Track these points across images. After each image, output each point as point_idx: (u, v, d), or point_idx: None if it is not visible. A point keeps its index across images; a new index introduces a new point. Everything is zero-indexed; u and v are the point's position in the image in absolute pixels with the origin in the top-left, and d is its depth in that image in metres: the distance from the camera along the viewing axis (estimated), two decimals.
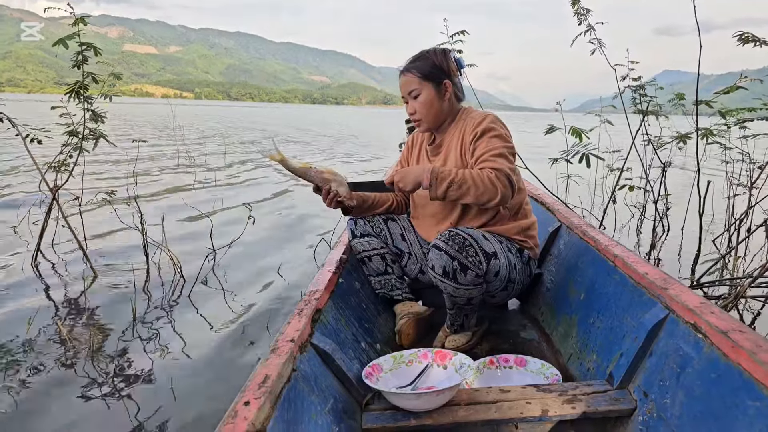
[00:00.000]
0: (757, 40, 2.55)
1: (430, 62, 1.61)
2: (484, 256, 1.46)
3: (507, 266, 1.55)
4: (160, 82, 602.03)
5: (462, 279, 1.45)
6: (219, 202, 5.05)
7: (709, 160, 3.81)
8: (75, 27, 2.76)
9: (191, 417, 1.62)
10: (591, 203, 4.77)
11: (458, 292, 1.50)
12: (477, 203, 1.44)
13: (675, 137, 3.58)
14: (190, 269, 2.95)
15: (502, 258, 1.53)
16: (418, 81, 1.61)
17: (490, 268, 1.48)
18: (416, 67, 1.62)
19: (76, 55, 2.77)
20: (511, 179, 1.43)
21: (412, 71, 1.62)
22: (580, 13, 3.42)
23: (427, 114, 1.63)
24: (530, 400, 1.18)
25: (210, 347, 2.11)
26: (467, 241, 1.44)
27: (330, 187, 1.57)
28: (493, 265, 1.49)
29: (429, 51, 1.66)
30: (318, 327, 1.26)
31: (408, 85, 1.63)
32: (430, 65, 1.61)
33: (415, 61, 1.63)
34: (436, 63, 1.61)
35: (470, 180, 1.40)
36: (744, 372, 0.89)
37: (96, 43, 2.92)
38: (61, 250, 3.31)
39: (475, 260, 1.44)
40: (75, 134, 2.93)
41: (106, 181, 6.06)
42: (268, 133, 18.23)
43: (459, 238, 1.44)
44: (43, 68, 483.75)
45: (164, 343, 2.14)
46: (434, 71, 1.61)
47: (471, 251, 1.44)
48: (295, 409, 0.98)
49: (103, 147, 3.41)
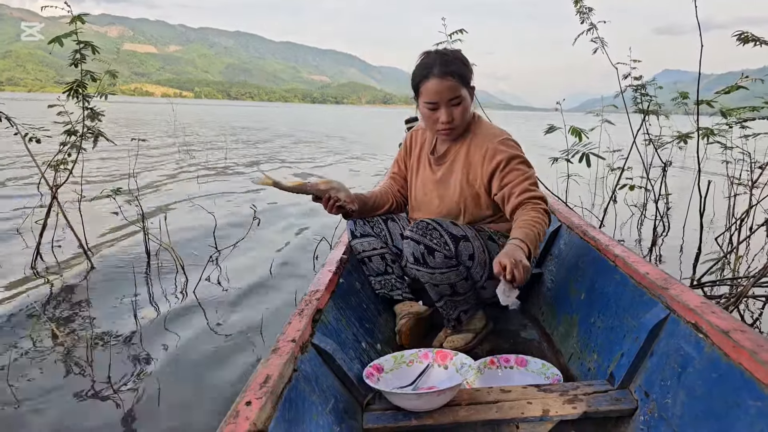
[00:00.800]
0: (756, 40, 2.54)
1: (465, 67, 1.53)
2: (450, 238, 1.46)
3: (485, 252, 1.53)
4: (160, 81, 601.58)
5: (432, 262, 1.46)
6: (222, 201, 5.05)
7: (709, 161, 3.81)
8: (74, 25, 2.75)
9: (190, 417, 1.63)
10: (591, 203, 4.77)
11: (434, 278, 1.50)
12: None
13: (676, 137, 3.58)
14: (193, 268, 2.95)
15: (476, 243, 1.51)
16: (460, 87, 1.51)
17: (459, 250, 1.48)
18: (457, 72, 1.50)
19: (74, 53, 2.77)
20: (546, 200, 1.49)
21: (454, 76, 1.50)
22: (583, 12, 3.41)
23: (463, 121, 1.57)
24: (531, 400, 1.18)
25: (210, 347, 2.11)
26: (431, 226, 1.46)
27: (329, 194, 1.56)
28: (464, 247, 1.48)
29: (454, 53, 1.56)
30: (319, 327, 1.26)
31: (451, 91, 1.51)
32: (465, 69, 1.53)
33: (451, 65, 1.51)
34: (468, 67, 1.55)
35: (539, 225, 1.40)
36: (745, 372, 0.89)
37: (96, 43, 2.92)
38: (61, 248, 3.31)
39: (440, 241, 1.45)
40: (73, 133, 2.93)
41: (107, 179, 6.06)
42: (273, 132, 18.22)
43: (423, 224, 1.47)
44: (43, 67, 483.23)
45: (164, 341, 2.14)
46: (468, 75, 1.54)
47: (435, 234, 1.45)
48: (296, 410, 0.98)
49: (104, 146, 3.41)
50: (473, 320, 1.65)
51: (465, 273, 1.53)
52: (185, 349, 2.09)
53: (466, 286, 1.56)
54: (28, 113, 8.44)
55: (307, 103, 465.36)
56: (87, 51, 2.76)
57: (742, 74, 3.07)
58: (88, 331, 2.24)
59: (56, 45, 2.75)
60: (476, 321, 1.66)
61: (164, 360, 1.99)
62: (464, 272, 1.53)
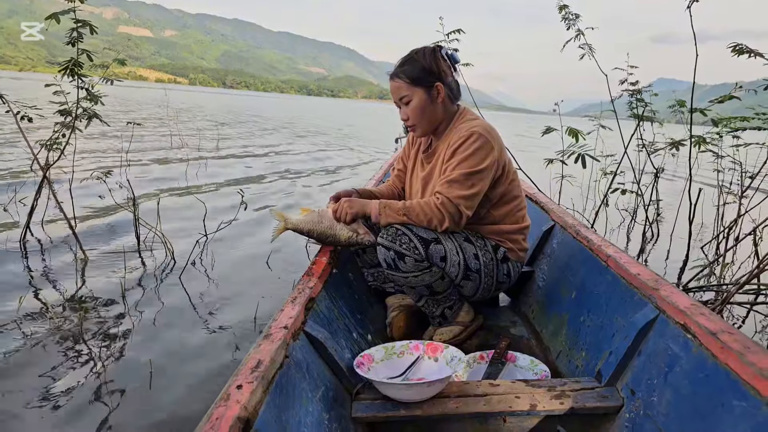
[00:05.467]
0: (751, 52, 2.57)
1: (419, 66, 1.56)
2: (420, 241, 1.47)
3: (459, 253, 1.53)
4: (154, 66, 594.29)
5: (403, 266, 1.48)
6: (213, 185, 5.02)
7: (700, 169, 3.86)
8: (71, 3, 2.71)
9: (178, 403, 1.62)
10: (583, 206, 4.81)
11: (408, 281, 1.51)
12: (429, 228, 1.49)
13: (668, 143, 3.62)
14: (182, 252, 2.93)
15: (448, 245, 1.51)
16: (407, 86, 1.56)
17: (430, 253, 1.48)
18: (404, 72, 1.56)
19: (70, 31, 2.73)
20: (459, 207, 1.46)
21: (400, 76, 1.56)
22: (569, 18, 3.45)
23: (421, 120, 1.60)
24: (519, 395, 1.19)
25: (199, 333, 2.10)
26: (400, 231, 1.48)
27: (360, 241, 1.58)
28: (435, 250, 1.49)
29: (418, 52, 1.59)
30: (311, 315, 1.26)
31: (398, 92, 1.58)
32: (419, 69, 1.56)
33: (404, 65, 1.57)
34: (425, 66, 1.56)
35: (418, 209, 1.48)
36: (732, 372, 0.91)
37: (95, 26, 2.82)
38: (50, 229, 3.27)
39: (409, 246, 1.46)
40: (68, 113, 2.88)
41: (99, 161, 5.99)
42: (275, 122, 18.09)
43: (392, 230, 1.49)
44: (35, 46, 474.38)
45: (153, 326, 2.13)
46: (423, 75, 1.55)
47: (404, 239, 1.47)
48: (286, 395, 0.98)
49: (97, 129, 3.37)
50: (460, 314, 1.66)
51: (440, 273, 1.53)
52: (172, 333, 2.08)
53: (443, 284, 1.57)
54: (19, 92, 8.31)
55: (303, 94, 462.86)
56: (84, 30, 2.71)
57: (736, 85, 3.10)
58: (74, 313, 2.22)
59: (52, 23, 2.70)
60: (463, 314, 1.67)
61: (152, 343, 1.98)
62: (438, 272, 1.53)
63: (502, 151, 1.58)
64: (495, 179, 1.57)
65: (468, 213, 1.49)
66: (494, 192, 1.59)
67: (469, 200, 1.48)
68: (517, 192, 1.65)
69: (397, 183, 1.88)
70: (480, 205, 1.55)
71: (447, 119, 1.64)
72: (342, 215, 1.56)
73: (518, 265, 1.69)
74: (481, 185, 1.50)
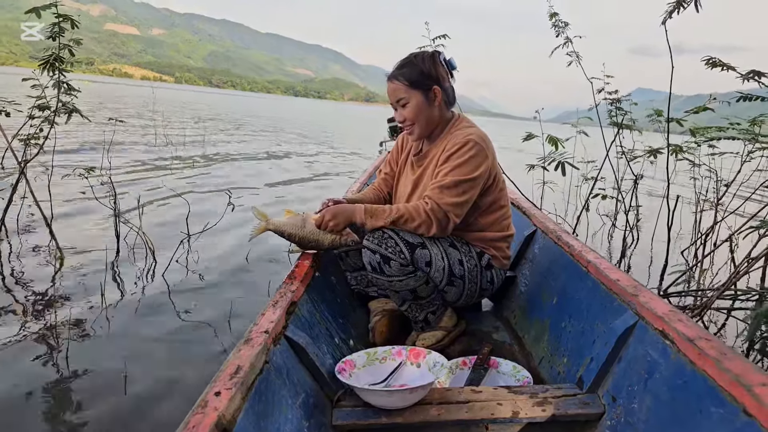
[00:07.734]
0: (723, 65, 2.64)
1: (418, 69, 1.56)
2: (406, 246, 1.47)
3: (444, 259, 1.53)
4: (140, 63, 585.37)
5: (388, 270, 1.48)
6: (197, 186, 4.94)
7: (678, 176, 3.94)
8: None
9: (154, 409, 1.58)
10: (565, 211, 4.87)
11: (393, 285, 1.51)
12: (416, 233, 1.49)
13: (647, 151, 3.69)
14: (163, 253, 2.88)
15: (434, 249, 1.52)
16: (405, 89, 1.56)
17: (416, 257, 1.49)
18: (403, 75, 1.56)
19: (51, 26, 2.66)
20: (448, 214, 1.47)
21: (399, 79, 1.57)
22: (558, 26, 3.50)
23: (418, 122, 1.60)
24: (501, 402, 1.19)
25: (179, 335, 2.06)
26: (386, 235, 1.48)
27: (343, 242, 1.56)
28: (421, 255, 1.49)
29: (417, 56, 1.60)
30: (292, 320, 1.24)
31: (396, 93, 1.59)
32: (417, 72, 1.56)
33: (402, 68, 1.58)
34: (423, 70, 1.56)
35: (406, 213, 1.47)
36: (709, 379, 0.92)
37: (76, 21, 2.80)
38: (26, 226, 3.18)
39: (395, 250, 1.46)
40: (47, 107, 2.81)
41: (79, 157, 5.85)
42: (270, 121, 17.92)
43: (378, 234, 1.48)
44: (18, 41, 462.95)
45: (128, 328, 2.08)
46: (422, 78, 1.56)
47: (390, 242, 1.47)
48: (266, 402, 0.96)
49: (78, 125, 3.29)
50: (443, 319, 1.66)
51: (424, 278, 1.54)
52: (152, 335, 2.03)
53: (427, 289, 1.57)
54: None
55: (290, 95, 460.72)
56: (66, 24, 2.65)
57: (710, 96, 3.19)
58: (50, 313, 2.15)
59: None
60: (446, 319, 1.67)
61: (127, 347, 1.93)
62: (423, 277, 1.53)
63: (494, 160, 1.59)
64: (485, 188, 1.57)
65: (456, 220, 1.50)
66: (483, 200, 1.59)
67: (459, 207, 1.49)
68: (504, 201, 1.66)
69: (383, 187, 1.87)
70: (468, 212, 1.55)
71: (442, 124, 1.65)
72: (325, 228, 1.54)
73: (502, 272, 1.70)
74: (472, 193, 1.51)
